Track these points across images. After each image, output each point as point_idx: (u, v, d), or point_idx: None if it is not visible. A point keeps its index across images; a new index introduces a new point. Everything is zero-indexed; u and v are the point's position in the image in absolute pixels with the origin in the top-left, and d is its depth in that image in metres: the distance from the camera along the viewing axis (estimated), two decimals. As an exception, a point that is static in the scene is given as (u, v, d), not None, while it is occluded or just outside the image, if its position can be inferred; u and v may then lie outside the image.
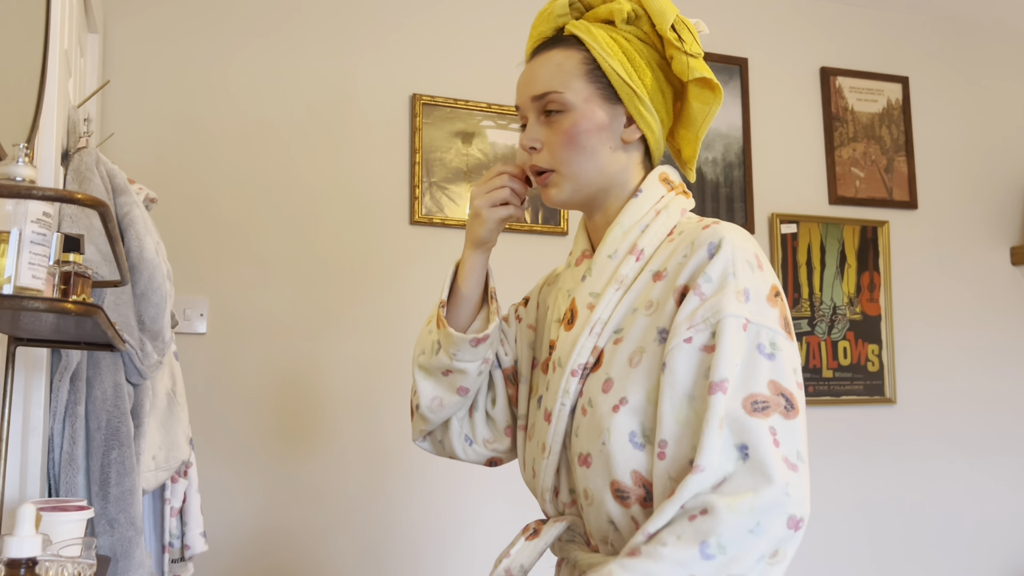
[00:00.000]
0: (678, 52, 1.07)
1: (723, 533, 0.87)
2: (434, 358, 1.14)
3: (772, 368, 0.93)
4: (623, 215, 1.07)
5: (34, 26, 1.30)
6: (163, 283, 1.56)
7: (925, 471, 2.99)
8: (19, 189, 0.93)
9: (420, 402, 1.17)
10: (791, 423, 0.91)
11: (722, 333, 0.92)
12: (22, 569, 0.92)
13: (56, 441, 1.43)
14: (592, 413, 1.00)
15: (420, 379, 1.16)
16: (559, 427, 1.05)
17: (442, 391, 1.16)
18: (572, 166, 1.07)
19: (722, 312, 0.94)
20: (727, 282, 0.96)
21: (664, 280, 1.01)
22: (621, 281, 1.04)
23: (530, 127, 1.10)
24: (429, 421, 1.19)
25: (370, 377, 2.48)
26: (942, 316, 3.10)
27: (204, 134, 2.43)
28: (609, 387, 0.99)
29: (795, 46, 3.09)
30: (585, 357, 1.03)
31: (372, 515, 2.44)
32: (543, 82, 1.08)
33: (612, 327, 1.03)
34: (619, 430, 0.96)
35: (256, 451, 2.37)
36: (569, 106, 1.06)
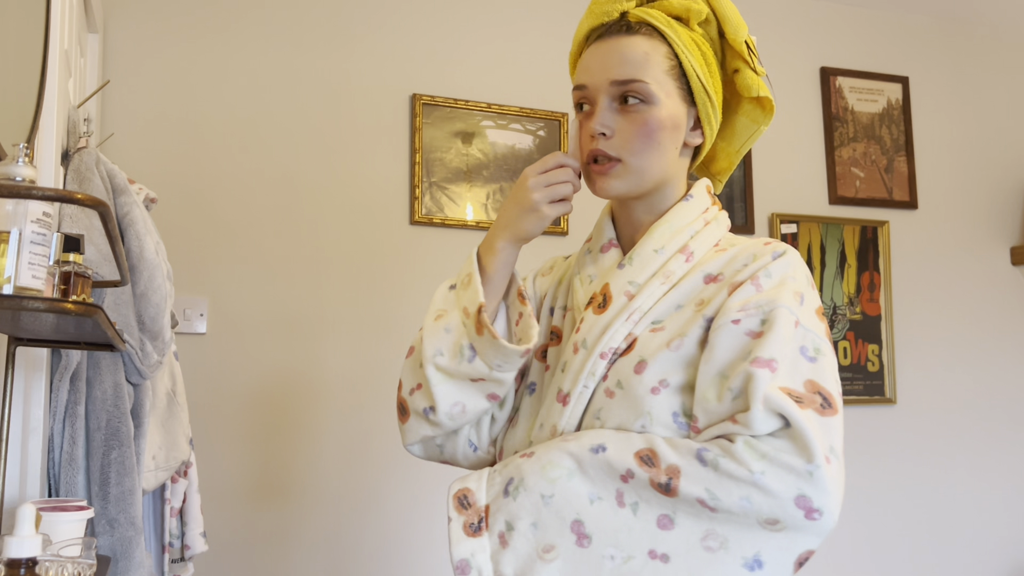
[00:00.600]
0: (745, 67, 1.07)
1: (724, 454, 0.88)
2: (465, 365, 1.03)
3: (812, 369, 0.93)
4: (673, 215, 1.06)
5: (34, 26, 1.30)
6: (163, 283, 1.56)
7: (925, 471, 2.99)
8: (19, 189, 0.93)
9: (437, 407, 1.04)
10: (827, 419, 0.91)
11: (775, 320, 0.93)
12: (22, 569, 0.92)
13: (56, 441, 1.43)
14: (624, 395, 0.98)
15: (438, 382, 1.04)
16: (577, 410, 1.01)
17: (467, 396, 1.05)
18: (642, 160, 1.03)
19: (777, 303, 0.95)
20: (786, 282, 0.98)
21: (718, 283, 1.01)
22: (668, 276, 1.03)
23: (602, 111, 1.04)
24: (442, 427, 1.07)
25: (370, 377, 2.48)
26: (942, 316, 3.10)
27: (204, 134, 2.43)
28: (643, 368, 0.98)
29: (795, 46, 3.09)
30: (617, 342, 1.01)
31: (372, 515, 2.44)
32: (629, 68, 1.02)
33: (652, 317, 1.02)
34: (661, 411, 0.95)
35: (256, 451, 2.37)
36: (652, 99, 1.02)
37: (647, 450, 0.92)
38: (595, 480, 0.93)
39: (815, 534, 0.88)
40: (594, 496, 0.93)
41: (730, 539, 0.88)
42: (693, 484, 0.88)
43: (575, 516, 0.92)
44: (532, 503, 0.94)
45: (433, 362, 1.05)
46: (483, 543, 0.95)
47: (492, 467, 1.02)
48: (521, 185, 1.05)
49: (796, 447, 0.88)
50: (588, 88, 1.05)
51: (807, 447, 0.87)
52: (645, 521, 0.90)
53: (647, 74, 1.02)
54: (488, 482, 0.99)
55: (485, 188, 2.65)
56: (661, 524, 0.90)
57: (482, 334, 1.02)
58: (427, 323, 1.08)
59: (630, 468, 0.91)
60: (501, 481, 0.98)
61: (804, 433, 0.88)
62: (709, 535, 0.89)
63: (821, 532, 0.89)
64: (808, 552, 0.90)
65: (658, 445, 0.92)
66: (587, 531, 0.91)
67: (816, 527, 0.88)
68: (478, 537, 0.95)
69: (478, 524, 0.96)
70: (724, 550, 0.88)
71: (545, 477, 0.94)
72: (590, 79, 1.05)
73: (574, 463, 0.94)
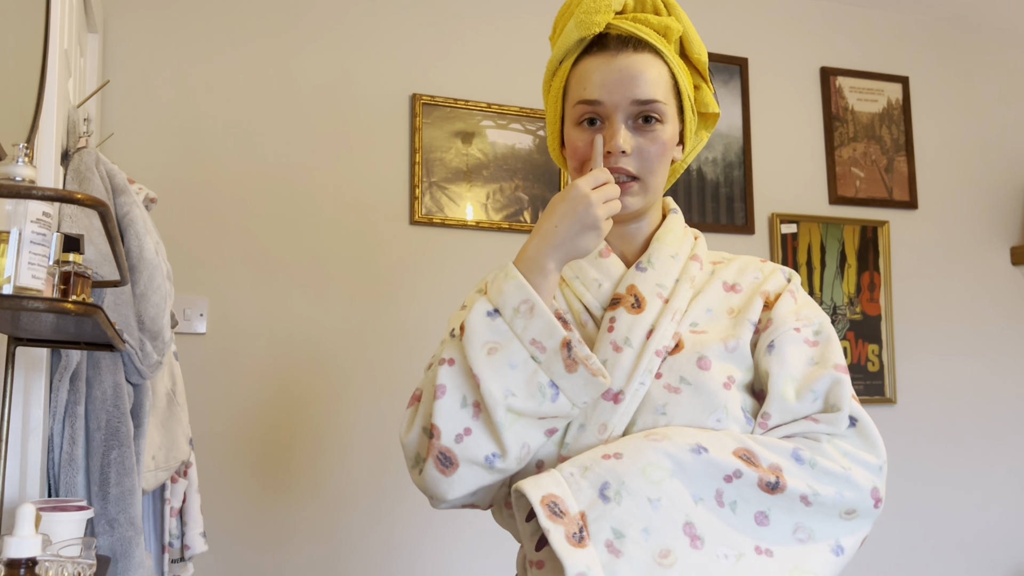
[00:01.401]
0: (704, 84, 1.14)
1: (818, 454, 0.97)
2: (547, 404, 0.95)
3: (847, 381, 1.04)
4: (672, 224, 1.13)
5: (34, 26, 1.30)
6: (163, 283, 1.56)
7: (925, 471, 2.99)
8: (19, 189, 0.93)
9: (507, 451, 0.95)
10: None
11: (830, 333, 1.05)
12: (22, 569, 0.92)
13: (56, 441, 1.43)
14: (694, 391, 1.00)
15: (507, 424, 0.94)
16: (631, 407, 1.00)
17: (531, 435, 0.97)
18: (656, 178, 1.08)
19: (822, 317, 1.07)
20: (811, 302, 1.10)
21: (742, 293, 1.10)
22: (692, 279, 1.09)
23: (621, 130, 1.04)
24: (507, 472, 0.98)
25: (370, 377, 2.48)
26: (942, 316, 3.10)
27: (204, 134, 2.43)
28: (709, 365, 1.01)
29: (795, 46, 3.09)
30: (667, 340, 1.04)
31: (372, 515, 2.44)
32: (651, 89, 1.05)
33: (689, 320, 1.07)
34: (734, 405, 1.00)
35: (256, 451, 2.37)
36: (666, 118, 1.07)
37: (744, 449, 0.95)
38: (696, 481, 0.94)
39: (873, 519, 0.99)
40: (697, 497, 0.94)
41: (816, 530, 0.95)
42: (798, 482, 0.94)
43: (685, 518, 0.92)
44: (640, 507, 0.91)
45: (506, 404, 0.94)
46: (590, 553, 0.88)
47: (562, 469, 0.94)
48: (581, 200, 0.97)
49: (867, 445, 0.99)
50: (604, 105, 1.05)
51: (876, 445, 1.00)
52: (745, 519, 0.94)
53: (663, 95, 1.07)
54: (572, 487, 0.92)
55: (485, 188, 2.65)
56: (758, 521, 0.94)
57: (575, 371, 0.94)
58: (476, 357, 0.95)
59: (737, 468, 0.94)
60: (591, 486, 0.92)
61: (871, 433, 1.00)
62: (798, 528, 0.95)
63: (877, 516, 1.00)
64: (867, 534, 1.00)
65: (751, 445, 0.96)
66: (699, 532, 0.92)
67: (876, 513, 0.99)
68: (584, 548, 0.88)
69: (579, 533, 0.89)
70: (812, 540, 0.95)
71: (648, 479, 0.92)
72: (607, 96, 1.04)
73: (673, 464, 0.93)
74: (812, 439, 0.99)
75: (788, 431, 1.00)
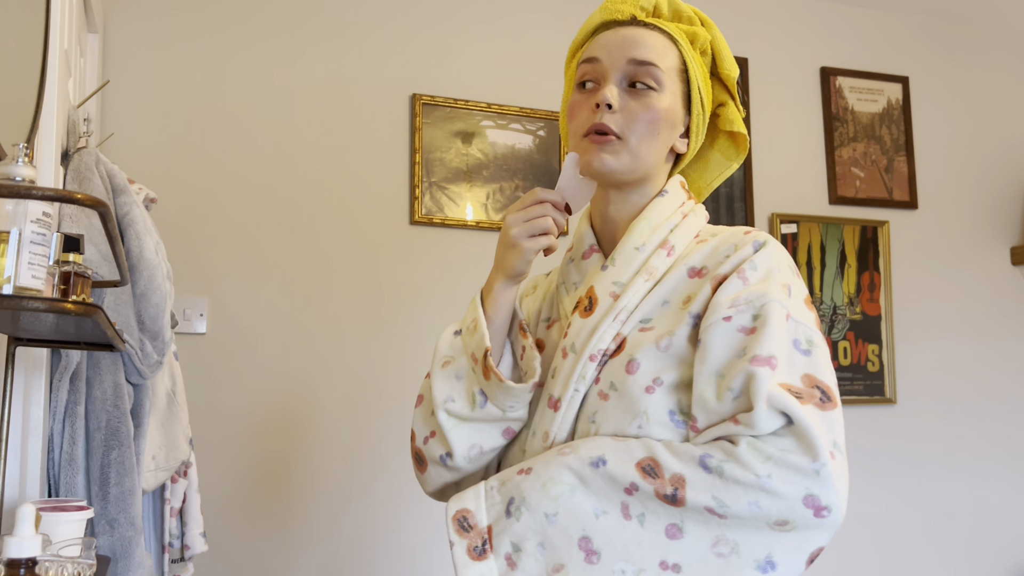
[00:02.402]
0: (731, 102, 1.11)
1: (729, 459, 0.87)
2: (479, 410, 1.03)
3: (807, 363, 0.93)
4: (651, 211, 1.06)
5: (34, 26, 1.30)
6: (163, 283, 1.56)
7: (925, 471, 2.99)
8: (19, 189, 0.93)
9: (454, 452, 1.03)
10: (827, 414, 0.90)
11: (768, 315, 0.92)
12: (22, 569, 0.92)
13: (56, 441, 1.43)
14: (618, 397, 0.97)
15: (451, 427, 1.03)
16: (569, 415, 1.00)
17: (482, 438, 1.04)
18: (641, 143, 1.03)
19: (768, 297, 0.94)
20: (772, 275, 0.97)
21: (704, 277, 1.00)
22: (651, 272, 1.02)
23: (611, 87, 1.03)
24: (463, 472, 1.06)
25: (370, 377, 2.48)
26: (942, 316, 3.10)
27: (204, 134, 2.43)
28: (635, 368, 0.96)
29: (795, 46, 3.09)
30: (607, 343, 1.00)
31: (372, 515, 2.44)
32: (651, 53, 1.04)
33: (639, 316, 1.01)
34: (658, 410, 0.94)
35: (256, 451, 2.37)
36: (663, 87, 1.04)
37: (648, 459, 0.90)
38: (599, 494, 0.91)
39: (825, 531, 0.88)
40: (599, 511, 0.91)
41: (741, 543, 0.88)
42: (700, 493, 0.87)
43: (582, 532, 0.91)
44: (537, 522, 0.92)
45: (444, 408, 1.04)
46: (489, 566, 0.93)
47: (487, 482, 0.99)
48: (504, 224, 1.06)
49: (801, 445, 0.87)
50: (601, 62, 1.05)
51: (812, 445, 0.87)
52: (653, 532, 0.89)
53: (663, 62, 1.04)
54: (487, 501, 0.97)
55: (485, 188, 2.65)
56: (670, 534, 0.89)
57: (489, 379, 1.01)
58: (435, 370, 1.06)
59: (633, 481, 0.90)
60: (502, 500, 0.95)
61: (808, 431, 0.87)
62: (719, 541, 0.88)
63: (831, 528, 0.88)
64: (819, 549, 0.89)
65: (659, 453, 0.90)
66: (595, 547, 0.90)
67: (825, 524, 0.87)
68: (484, 560, 0.93)
69: (482, 547, 0.93)
70: (736, 555, 0.87)
71: (547, 495, 0.93)
72: (606, 54, 1.05)
73: (575, 478, 0.92)
74: (732, 442, 0.89)
75: (714, 434, 0.90)
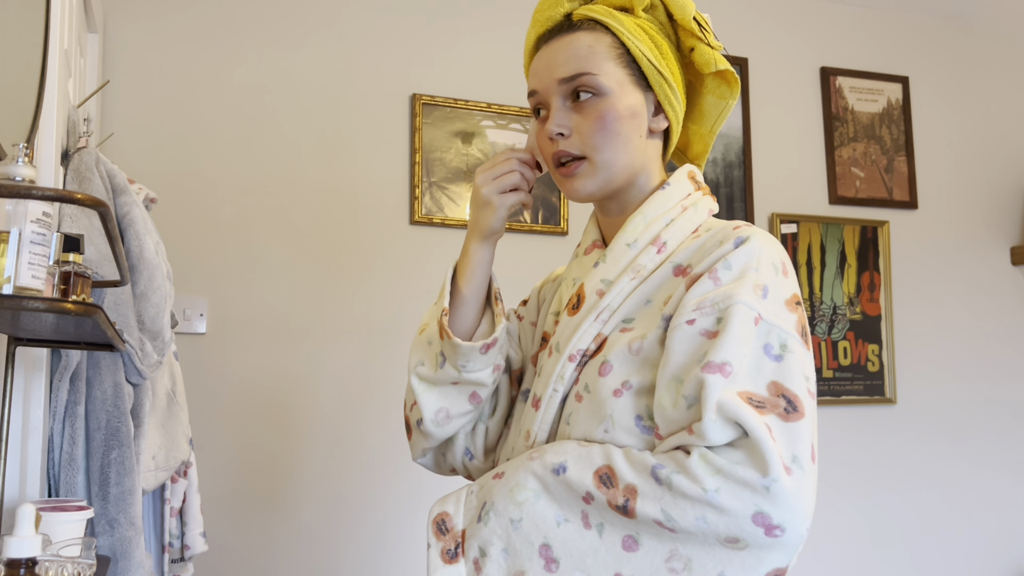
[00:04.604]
0: (700, 43, 1.04)
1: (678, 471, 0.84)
2: (439, 372, 1.05)
3: (776, 370, 0.88)
4: (647, 205, 1.03)
5: (34, 26, 1.30)
6: (163, 283, 1.56)
7: (925, 471, 2.99)
8: (19, 189, 0.93)
9: (423, 416, 1.06)
10: (790, 425, 0.85)
11: (730, 319, 0.88)
12: (22, 569, 0.92)
13: (56, 441, 1.43)
14: (589, 399, 0.95)
15: (421, 391, 1.07)
16: (548, 415, 1.00)
17: (449, 402, 1.06)
18: (605, 153, 1.00)
19: (733, 299, 0.89)
20: (747, 274, 0.92)
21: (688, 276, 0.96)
22: (638, 270, 0.99)
23: (555, 112, 1.01)
24: (433, 436, 1.08)
25: (370, 377, 2.48)
26: (942, 316, 3.10)
27: (204, 134, 2.43)
28: (607, 370, 0.94)
29: (795, 46, 3.09)
30: (586, 343, 0.99)
31: (372, 515, 2.44)
32: (574, 63, 1.00)
33: (621, 315, 0.99)
34: (623, 415, 0.92)
35: (256, 451, 2.37)
36: (603, 90, 0.99)
37: (605, 468, 0.89)
38: (560, 502, 0.91)
39: (780, 551, 0.83)
40: (560, 518, 0.90)
41: (693, 559, 0.85)
42: (649, 504, 0.85)
43: (543, 540, 0.90)
44: (502, 528, 0.92)
45: (415, 372, 1.08)
46: (459, 570, 0.93)
47: (470, 486, 1.00)
48: (474, 185, 1.07)
49: (752, 459, 0.82)
50: (539, 92, 1.04)
51: (763, 459, 0.82)
52: (610, 543, 0.88)
53: (594, 66, 1.00)
54: (466, 504, 0.98)
55: (485, 188, 2.65)
56: (626, 546, 0.87)
57: (443, 338, 1.04)
58: (414, 339, 1.11)
59: (589, 490, 0.88)
60: (477, 504, 0.96)
61: (760, 443, 0.82)
62: (673, 556, 0.85)
63: (786, 548, 0.83)
64: (777, 570, 0.85)
65: (616, 462, 0.88)
66: (555, 555, 0.89)
67: (780, 543, 0.83)
68: (455, 564, 0.93)
69: (455, 550, 0.94)
70: (688, 571, 0.85)
71: (513, 500, 0.92)
72: (539, 83, 1.04)
73: (539, 484, 0.92)
74: (685, 450, 0.86)
75: (672, 443, 0.88)
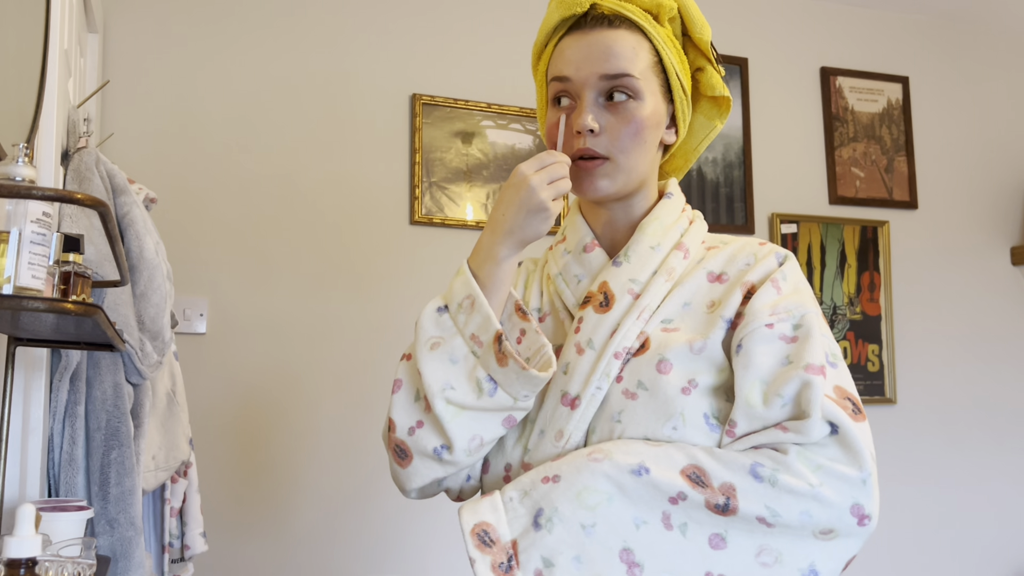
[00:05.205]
0: (709, 66, 1.06)
1: (780, 468, 0.86)
2: (486, 399, 0.94)
3: (836, 375, 0.93)
4: (661, 211, 1.04)
5: (34, 26, 1.30)
6: (163, 283, 1.56)
7: (925, 471, 2.99)
8: (19, 189, 0.93)
9: (454, 444, 0.95)
10: (859, 424, 0.90)
11: (811, 325, 0.93)
12: (22, 569, 0.92)
13: (56, 441, 1.43)
14: (650, 396, 0.93)
15: (450, 417, 0.94)
16: (588, 413, 0.96)
17: (483, 427, 0.96)
18: (630, 158, 1.00)
19: (807, 308, 0.95)
20: (801, 288, 0.97)
21: (727, 283, 0.99)
22: (670, 273, 1.00)
23: (589, 107, 1.00)
24: (458, 464, 0.97)
25: (370, 377, 2.48)
26: (942, 316, 3.10)
27: (204, 134, 2.43)
28: (668, 368, 0.93)
29: (795, 46, 3.09)
30: (631, 341, 0.97)
31: (372, 515, 2.44)
32: (619, 62, 0.99)
33: (661, 316, 0.98)
34: (694, 412, 0.91)
35: (256, 451, 2.37)
36: (640, 94, 0.99)
37: (693, 467, 0.87)
38: (639, 503, 0.87)
39: (862, 538, 0.89)
40: (639, 520, 0.87)
41: (784, 552, 0.87)
42: (752, 502, 0.85)
43: (623, 544, 0.86)
44: (572, 535, 0.86)
45: (444, 396, 0.94)
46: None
47: (504, 493, 0.92)
48: (523, 185, 0.95)
49: (848, 455, 0.87)
50: (572, 81, 1.01)
51: (859, 455, 0.87)
52: (696, 542, 0.86)
53: (637, 69, 1.00)
54: (508, 513, 0.90)
55: (485, 188, 2.65)
56: (713, 544, 0.86)
57: (506, 365, 0.92)
58: (422, 352, 0.97)
59: (681, 490, 0.86)
60: (527, 512, 0.89)
61: (855, 441, 0.87)
62: (763, 550, 0.86)
63: (866, 536, 0.89)
64: (853, 556, 0.89)
65: (703, 461, 0.88)
66: (637, 559, 0.86)
67: (865, 532, 0.88)
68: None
69: (508, 563, 0.87)
70: (779, 564, 0.86)
71: (583, 505, 0.87)
72: (575, 72, 1.00)
73: (613, 487, 0.88)
74: (780, 450, 0.88)
75: (756, 441, 0.89)
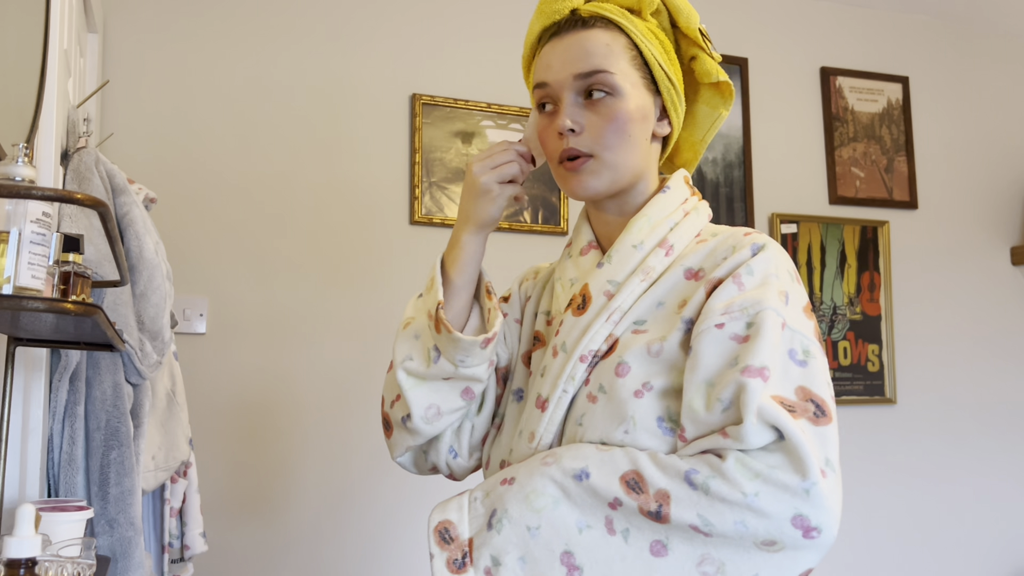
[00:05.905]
0: (703, 53, 1.06)
1: (715, 476, 0.84)
2: (432, 367, 1.03)
3: (802, 375, 0.89)
4: (651, 208, 1.03)
5: (34, 26, 1.30)
6: (163, 283, 1.56)
7: (925, 471, 2.99)
8: (19, 189, 0.93)
9: (412, 412, 1.03)
10: (820, 429, 0.87)
11: (763, 323, 0.89)
12: (22, 569, 0.92)
13: (55, 441, 1.43)
14: (607, 400, 0.94)
15: (410, 387, 1.03)
16: (556, 416, 0.98)
17: (440, 397, 1.04)
18: (615, 154, 1.00)
19: (763, 304, 0.90)
20: (769, 281, 0.93)
21: (701, 280, 0.97)
22: (647, 272, 0.99)
23: (568, 107, 1.01)
24: (420, 434, 1.05)
25: (370, 377, 2.48)
26: (942, 316, 3.10)
27: (204, 134, 2.43)
28: (625, 371, 0.94)
29: (795, 46, 3.09)
30: (598, 344, 0.98)
31: (372, 514, 2.44)
32: (592, 60, 0.99)
33: (633, 317, 0.99)
34: (645, 416, 0.91)
35: (256, 451, 2.37)
36: (619, 90, 0.99)
37: (632, 473, 0.88)
38: (582, 508, 0.89)
39: (814, 551, 0.85)
40: (583, 524, 0.88)
41: (727, 563, 0.85)
42: (684, 510, 0.84)
43: (564, 547, 0.88)
44: (518, 535, 0.89)
45: (403, 367, 1.04)
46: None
47: (472, 492, 0.97)
48: (468, 174, 1.05)
49: (791, 463, 0.83)
50: (551, 85, 1.02)
51: (802, 462, 0.83)
52: (638, 548, 0.86)
53: (611, 65, 1.00)
54: (470, 512, 0.95)
55: (485, 188, 2.65)
56: (654, 551, 0.86)
57: (440, 332, 1.01)
58: (397, 333, 1.08)
59: (617, 496, 0.87)
60: (485, 512, 0.93)
61: (799, 447, 0.83)
62: (705, 560, 0.85)
63: (820, 549, 0.85)
64: (808, 570, 0.87)
65: (643, 467, 0.88)
66: (577, 562, 0.87)
67: (815, 545, 0.84)
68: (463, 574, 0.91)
69: (462, 560, 0.91)
70: (722, 574, 0.85)
71: (530, 507, 0.90)
72: (552, 76, 1.02)
73: (559, 491, 0.90)
74: (721, 456, 0.85)
75: (703, 446, 0.87)
